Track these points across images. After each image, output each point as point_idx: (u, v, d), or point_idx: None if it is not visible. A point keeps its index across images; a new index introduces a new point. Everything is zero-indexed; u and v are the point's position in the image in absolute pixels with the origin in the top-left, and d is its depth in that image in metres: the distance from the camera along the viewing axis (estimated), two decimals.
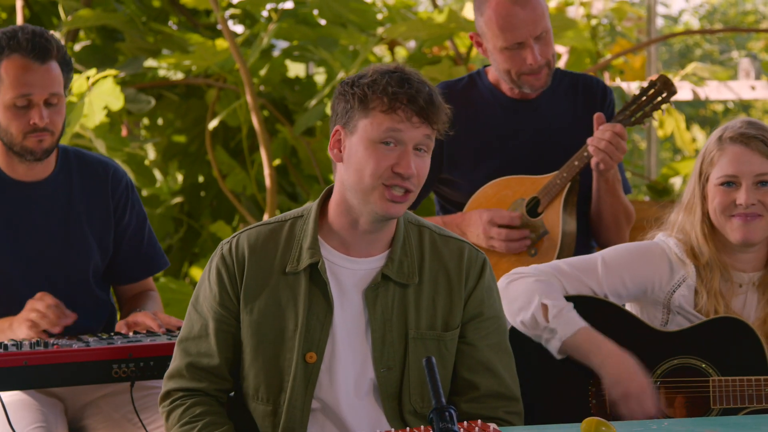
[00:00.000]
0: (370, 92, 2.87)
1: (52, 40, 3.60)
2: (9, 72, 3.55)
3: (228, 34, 6.35)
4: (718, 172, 3.33)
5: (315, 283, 2.94)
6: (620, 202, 4.04)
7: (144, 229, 3.87)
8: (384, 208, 2.88)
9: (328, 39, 6.86)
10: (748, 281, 3.37)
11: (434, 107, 2.89)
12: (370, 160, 2.87)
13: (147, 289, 3.92)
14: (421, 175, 2.91)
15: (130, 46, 6.80)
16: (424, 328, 2.95)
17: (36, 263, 3.67)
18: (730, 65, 12.67)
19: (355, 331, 2.95)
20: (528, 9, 3.96)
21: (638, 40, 9.54)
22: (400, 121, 2.86)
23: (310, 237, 2.95)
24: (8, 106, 3.57)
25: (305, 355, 2.92)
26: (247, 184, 6.99)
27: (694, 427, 2.85)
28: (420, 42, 7.29)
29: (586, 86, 4.17)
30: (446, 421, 2.35)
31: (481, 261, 3.04)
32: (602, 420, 2.69)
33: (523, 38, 3.95)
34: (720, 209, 3.32)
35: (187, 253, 7.32)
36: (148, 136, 7.50)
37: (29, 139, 3.58)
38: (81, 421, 3.67)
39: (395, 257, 2.95)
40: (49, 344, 3.32)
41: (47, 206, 3.69)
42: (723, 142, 3.34)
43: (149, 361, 3.36)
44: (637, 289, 3.38)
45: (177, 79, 7.07)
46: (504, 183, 4.07)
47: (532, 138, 4.10)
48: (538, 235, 4.01)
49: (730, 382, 3.25)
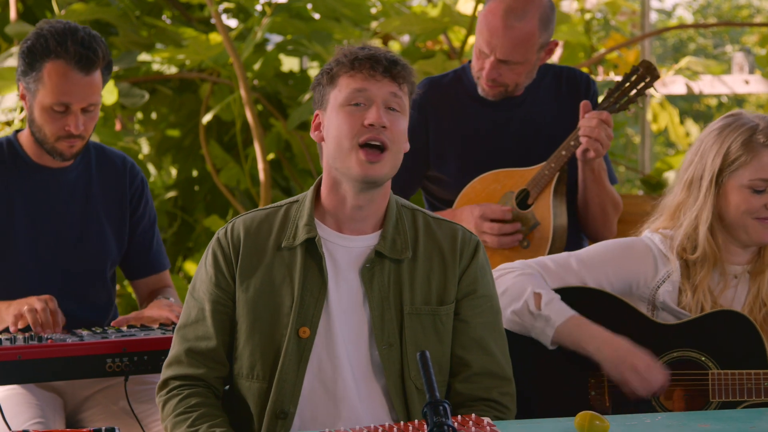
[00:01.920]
0: (334, 65, 2.97)
1: (99, 50, 3.62)
2: (52, 77, 3.57)
3: (222, 29, 6.34)
4: (750, 175, 3.31)
5: (310, 258, 2.98)
6: (606, 191, 4.04)
7: (154, 227, 3.91)
8: (362, 171, 2.91)
9: (322, 33, 6.85)
10: (741, 272, 3.38)
11: (397, 64, 2.96)
12: (343, 123, 2.93)
13: (165, 285, 3.95)
14: (395, 130, 2.94)
15: (124, 40, 6.78)
16: (419, 303, 2.98)
17: (53, 251, 3.70)
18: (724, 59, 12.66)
19: (351, 309, 2.97)
20: (511, 31, 3.92)
21: (632, 34, 9.54)
22: (363, 79, 2.93)
23: (307, 215, 3.00)
24: (46, 109, 3.60)
25: (298, 330, 2.94)
26: (241, 179, 6.98)
27: (687, 420, 2.86)
28: (414, 36, 7.29)
29: (569, 79, 4.18)
30: (440, 415, 2.35)
31: (474, 242, 3.07)
32: (596, 414, 2.70)
33: (488, 51, 3.95)
34: (747, 212, 3.32)
35: (181, 247, 7.31)
36: (142, 131, 7.48)
37: (61, 142, 3.62)
38: (79, 415, 3.68)
39: (387, 235, 2.99)
40: (43, 338, 3.32)
41: (68, 193, 3.73)
42: (755, 145, 3.32)
43: (143, 356, 3.36)
44: (622, 285, 3.39)
45: (171, 74, 7.06)
46: (492, 177, 4.08)
47: (517, 132, 4.11)
48: (529, 227, 4.01)
49: (729, 376, 3.25)
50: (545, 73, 4.15)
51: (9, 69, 5.80)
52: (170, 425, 2.98)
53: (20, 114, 6.01)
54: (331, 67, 2.98)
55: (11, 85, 5.80)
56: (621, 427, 2.78)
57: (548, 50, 4.05)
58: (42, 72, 3.58)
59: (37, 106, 3.61)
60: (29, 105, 3.64)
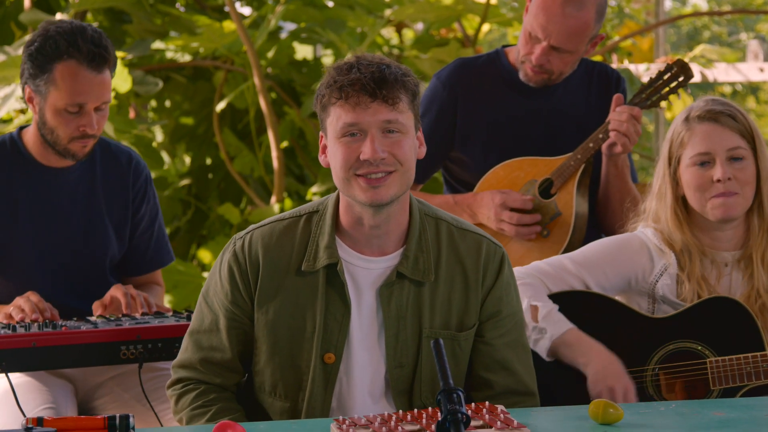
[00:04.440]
0: (326, 90, 2.86)
1: (109, 47, 3.59)
2: (65, 78, 3.54)
3: (235, 16, 6.34)
4: (690, 152, 3.34)
5: (332, 283, 2.91)
6: (628, 188, 4.04)
7: (155, 224, 3.88)
8: (367, 197, 2.83)
9: (336, 21, 6.85)
10: (731, 260, 3.38)
11: (386, 83, 2.81)
12: (338, 154, 2.85)
13: (152, 282, 3.93)
14: (399, 153, 2.83)
15: (138, 28, 6.79)
16: (438, 327, 2.93)
17: (55, 250, 3.69)
18: (739, 47, 12.63)
19: (369, 330, 2.92)
20: (570, 20, 3.89)
21: (646, 22, 9.51)
22: (352, 109, 2.81)
23: (328, 236, 2.92)
24: (59, 111, 3.57)
25: (323, 356, 2.90)
26: (254, 166, 6.99)
27: (701, 408, 2.85)
28: (428, 24, 7.28)
29: (600, 74, 4.18)
30: (454, 402, 2.35)
31: (499, 256, 2.99)
32: (610, 402, 2.70)
33: (542, 36, 3.93)
34: (698, 188, 3.33)
35: (194, 235, 7.32)
36: (156, 119, 7.49)
37: (75, 143, 3.60)
38: (91, 402, 3.68)
39: (410, 254, 2.91)
40: (58, 326, 3.33)
41: (71, 193, 3.70)
42: (691, 122, 3.35)
43: (157, 343, 3.36)
44: (621, 281, 3.39)
45: (184, 61, 7.07)
46: (516, 164, 4.06)
47: (546, 121, 4.10)
48: (550, 216, 4.01)
49: (727, 362, 3.25)
50: (578, 66, 4.14)
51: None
52: (186, 418, 2.95)
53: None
54: (323, 93, 2.86)
55: None
56: (634, 415, 2.77)
57: (594, 43, 4.04)
58: (53, 74, 3.54)
59: (49, 109, 3.57)
60: (39, 108, 3.60)
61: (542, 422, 2.72)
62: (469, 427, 2.44)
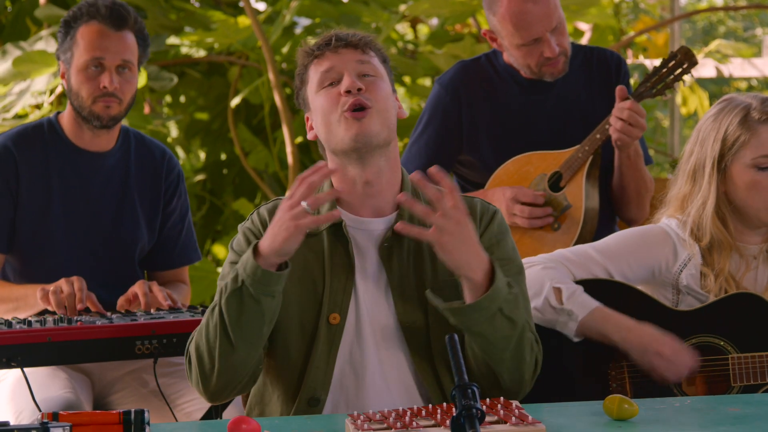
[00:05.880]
0: (300, 66, 3.01)
1: (132, 12, 3.73)
2: (85, 36, 3.68)
3: (250, 12, 6.35)
4: (752, 154, 3.30)
5: (336, 243, 2.95)
6: (642, 176, 4.05)
7: (185, 220, 3.93)
8: (352, 133, 2.89)
9: (351, 16, 6.85)
10: (758, 252, 3.37)
11: (353, 36, 2.97)
12: (323, 102, 2.94)
13: (178, 280, 3.95)
14: (375, 91, 2.92)
15: (153, 23, 6.80)
16: (441, 276, 2.94)
17: (86, 235, 3.72)
18: (754, 42, 12.59)
19: (375, 289, 2.95)
20: (540, 4, 3.97)
21: (662, 17, 9.49)
22: (326, 59, 2.95)
23: (329, 202, 2.97)
24: (81, 69, 3.68)
25: (329, 317, 2.93)
26: (269, 162, 7.00)
27: (716, 404, 2.84)
28: (442, 19, 7.27)
29: (600, 60, 4.19)
30: (469, 398, 2.35)
31: (492, 211, 3.02)
32: (625, 397, 2.70)
33: (539, 34, 3.97)
34: (756, 190, 3.31)
35: (209, 230, 7.34)
36: (171, 114, 7.50)
37: (98, 103, 3.67)
38: (108, 397, 3.69)
39: (405, 213, 2.94)
40: (73, 320, 3.34)
41: (106, 178, 3.75)
42: (751, 123, 3.31)
43: (172, 338, 3.37)
44: (644, 271, 3.38)
45: (199, 57, 7.08)
46: (525, 159, 4.07)
47: (551, 112, 4.11)
48: (560, 209, 4.01)
49: (749, 359, 3.24)
50: (576, 55, 4.14)
51: (39, 52, 5.83)
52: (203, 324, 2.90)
53: (49, 97, 6.03)
54: (300, 70, 3.02)
55: (41, 68, 5.82)
56: (649, 411, 2.77)
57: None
58: (76, 36, 3.69)
59: (74, 72, 3.69)
60: (67, 77, 3.72)
61: (557, 417, 2.72)
62: (483, 422, 2.44)
